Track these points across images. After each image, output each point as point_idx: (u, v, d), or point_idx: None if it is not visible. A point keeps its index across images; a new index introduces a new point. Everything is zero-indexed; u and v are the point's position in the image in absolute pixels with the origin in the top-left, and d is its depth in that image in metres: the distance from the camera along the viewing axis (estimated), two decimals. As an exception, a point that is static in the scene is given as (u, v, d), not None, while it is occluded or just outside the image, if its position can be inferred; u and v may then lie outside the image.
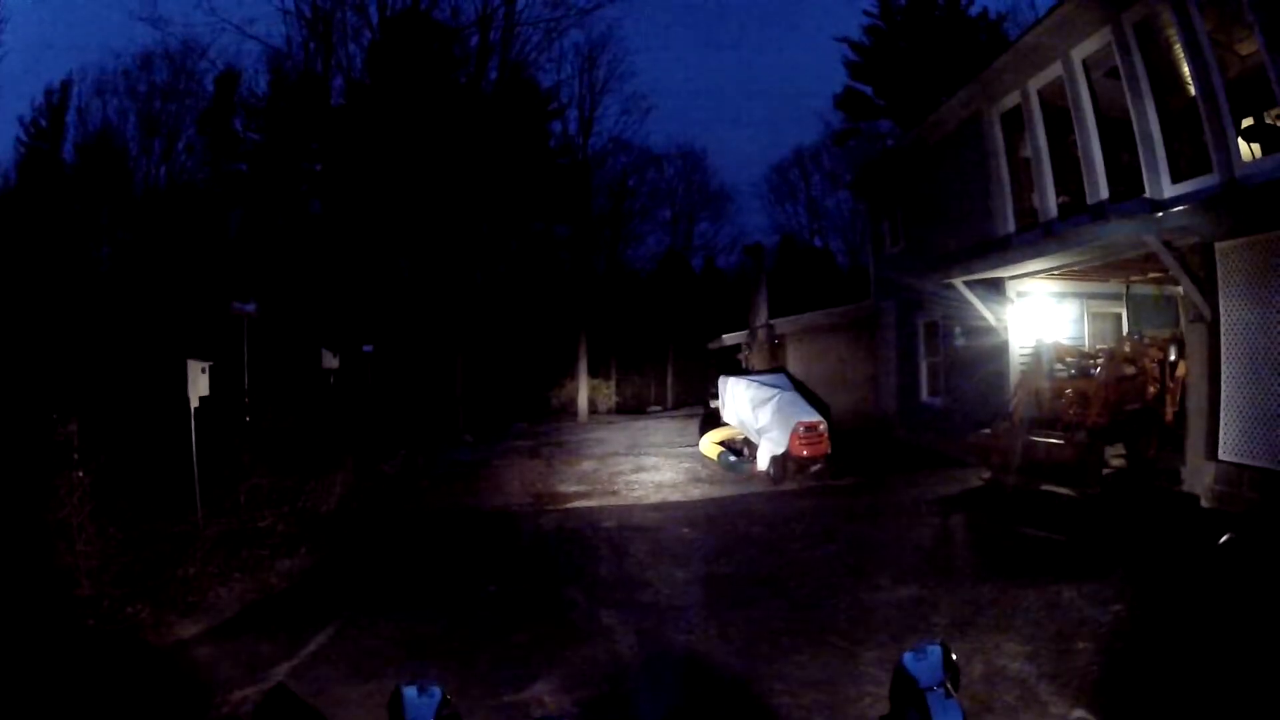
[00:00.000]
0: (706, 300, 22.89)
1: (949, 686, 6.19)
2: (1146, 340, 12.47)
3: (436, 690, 6.73)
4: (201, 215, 20.71)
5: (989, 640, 7.44)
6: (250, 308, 13.93)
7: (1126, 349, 12.40)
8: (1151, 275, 13.22)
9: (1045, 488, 11.85)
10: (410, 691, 5.49)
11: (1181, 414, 11.53)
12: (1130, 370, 12.07)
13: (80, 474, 8.82)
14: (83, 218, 16.98)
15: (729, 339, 26.44)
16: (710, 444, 18.51)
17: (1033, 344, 13.99)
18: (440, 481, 17.73)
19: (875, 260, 20.59)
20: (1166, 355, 11.95)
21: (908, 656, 6.92)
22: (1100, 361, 12.44)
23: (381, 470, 17.20)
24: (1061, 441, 11.72)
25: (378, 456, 17.43)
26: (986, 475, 12.98)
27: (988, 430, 13.34)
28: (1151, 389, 12.05)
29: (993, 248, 15.07)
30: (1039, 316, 14.70)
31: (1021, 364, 14.38)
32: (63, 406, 9.11)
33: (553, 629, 8.25)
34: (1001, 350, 15.01)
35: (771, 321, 23.44)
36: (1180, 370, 11.71)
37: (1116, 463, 12.00)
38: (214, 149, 25.31)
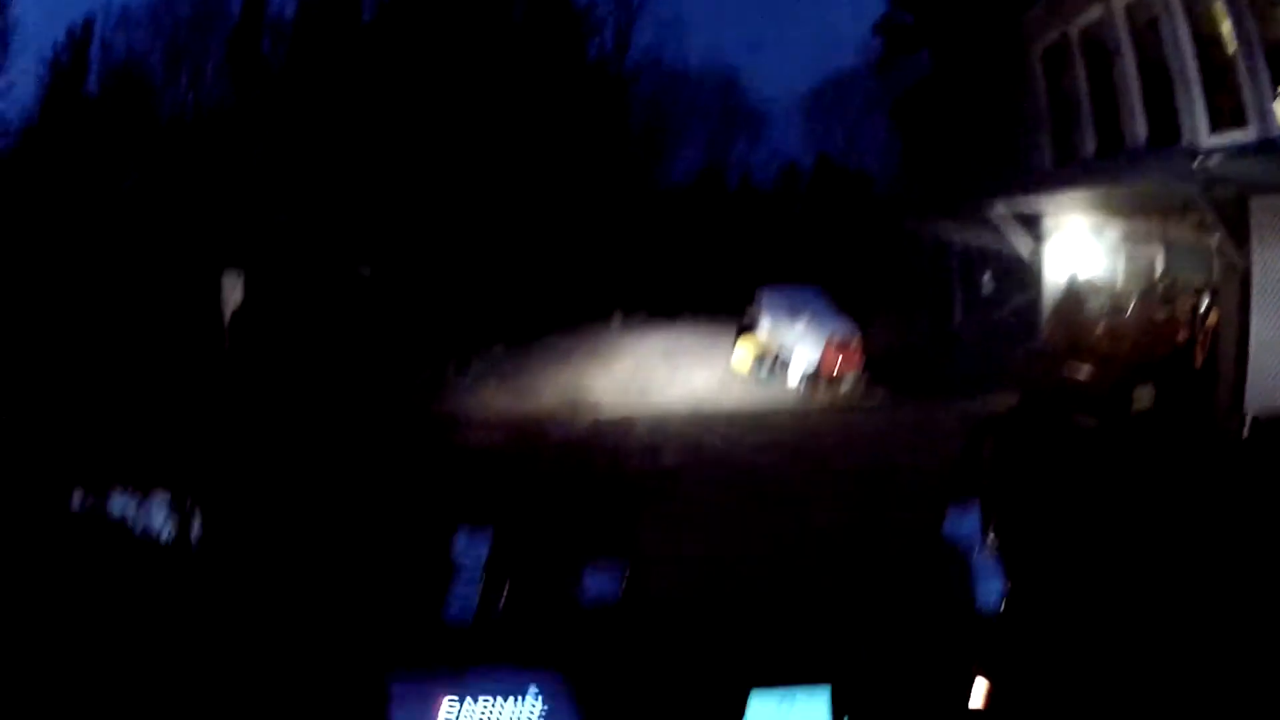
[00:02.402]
0: (742, 218, 23.64)
1: (986, 544, 7.15)
2: (1179, 286, 12.82)
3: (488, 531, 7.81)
4: (230, 141, 21.00)
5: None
6: (283, 218, 14.67)
7: (1159, 292, 12.90)
8: (1187, 224, 13.22)
9: (1075, 418, 12.40)
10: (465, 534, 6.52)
11: (1210, 362, 11.94)
12: (1162, 314, 12.63)
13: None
14: (107, 151, 17.29)
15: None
16: (743, 356, 19.11)
17: (1067, 279, 14.64)
18: (471, 390, 18.63)
19: (912, 187, 21.11)
20: (1198, 304, 12.32)
21: (951, 518, 7.95)
22: (1133, 302, 13.03)
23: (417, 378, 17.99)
24: (1092, 376, 12.45)
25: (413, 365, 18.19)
26: (1015, 402, 13.46)
27: (1020, 359, 14.13)
28: (1182, 335, 12.46)
29: (1030, 181, 15.70)
30: (1074, 251, 15.13)
31: (1055, 297, 14.91)
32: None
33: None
34: (1035, 282, 15.54)
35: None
36: (1211, 320, 12.10)
37: (1144, 404, 12.37)
38: (240, 73, 25.44)
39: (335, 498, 10.38)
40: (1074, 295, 13.83)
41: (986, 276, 17.20)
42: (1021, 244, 15.66)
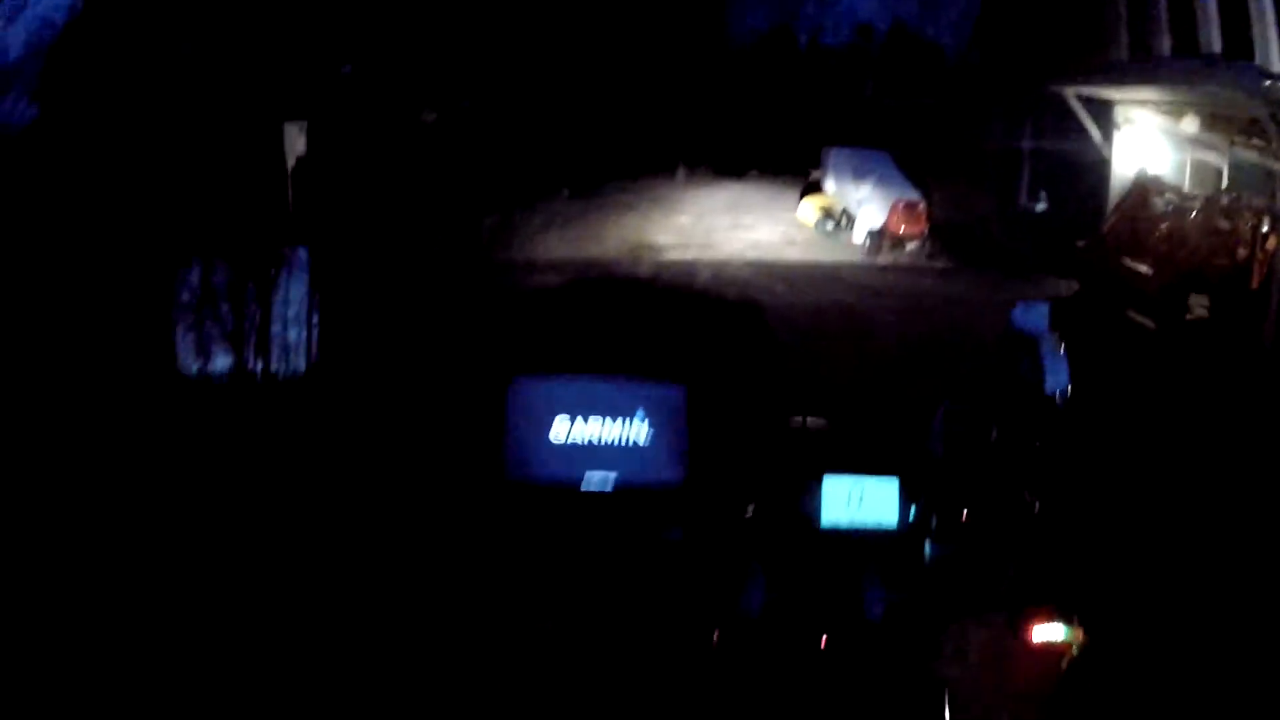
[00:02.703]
0: (811, 77, 23.87)
1: (1055, 335, 8.12)
2: (1242, 203, 13.28)
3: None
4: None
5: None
6: (347, 69, 15.15)
7: (1224, 203, 13.41)
8: (1254, 142, 13.72)
9: (1128, 313, 13.29)
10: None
11: (1267, 283, 12.40)
12: (1224, 225, 13.07)
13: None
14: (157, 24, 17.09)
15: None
16: (808, 210, 19.80)
17: (1134, 172, 15.24)
18: (536, 232, 19.61)
19: (986, 59, 21.32)
20: (1260, 224, 12.70)
21: (1017, 310, 9.13)
22: (1197, 207, 13.56)
23: (481, 223, 18.83)
24: (1150, 273, 13.18)
25: (477, 211, 19.01)
26: (1075, 287, 14.42)
27: (1082, 243, 14.92)
28: (1241, 252, 12.86)
29: (1105, 68, 16.31)
30: (1142, 148, 15.80)
31: (1121, 189, 15.56)
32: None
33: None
34: (1102, 170, 16.28)
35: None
36: (1271, 243, 12.52)
37: (1199, 313, 12.97)
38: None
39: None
40: (1140, 190, 14.41)
41: (1058, 153, 17.54)
42: (1092, 130, 16.35)
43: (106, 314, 10.91)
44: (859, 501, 7.30)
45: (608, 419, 8.69)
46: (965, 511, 7.11)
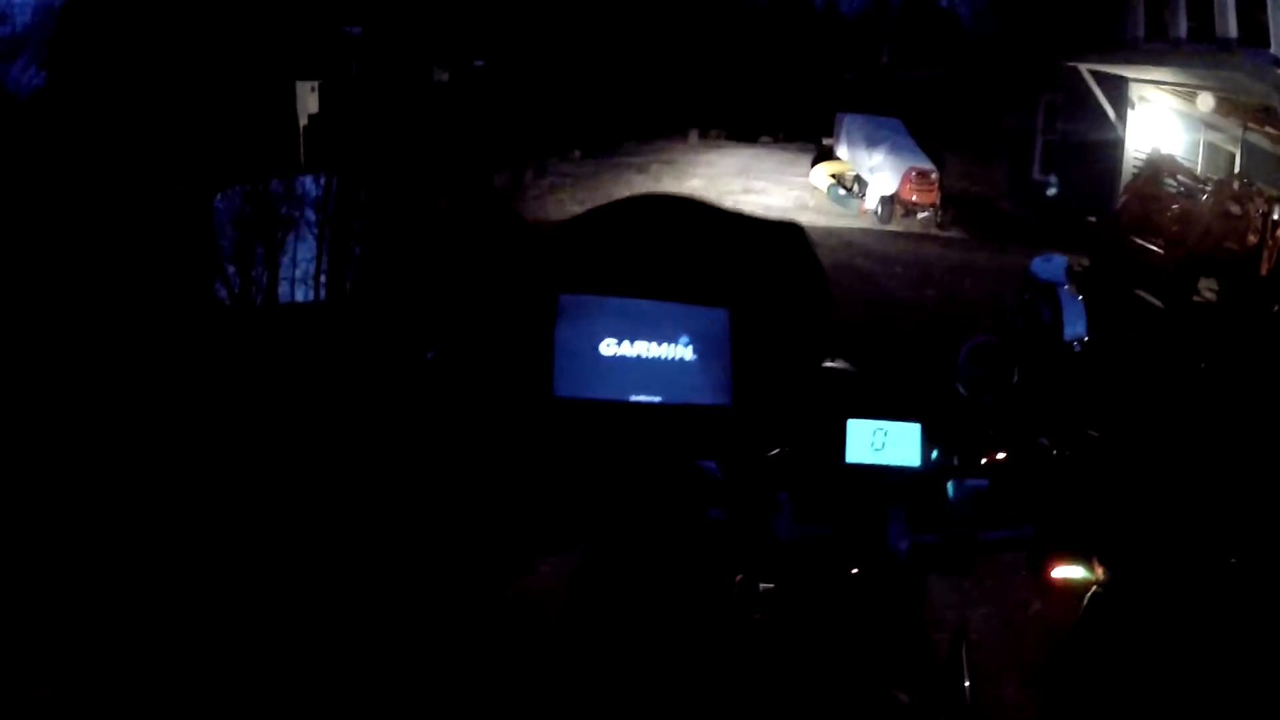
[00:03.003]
0: (825, 40, 24.08)
1: (1073, 285, 8.42)
2: (1254, 189, 13.39)
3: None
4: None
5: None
6: (356, 30, 15.30)
7: (1235, 188, 13.47)
8: (1267, 129, 14.04)
9: (1137, 292, 13.42)
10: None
11: (1276, 271, 12.58)
12: (1235, 210, 13.17)
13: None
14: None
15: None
16: (821, 176, 20.08)
17: (1147, 151, 15.38)
18: (547, 192, 19.87)
19: (1002, 31, 21.54)
20: (1270, 211, 12.88)
21: (1036, 261, 9.48)
22: (1209, 189, 13.65)
23: (491, 182, 19.04)
24: (1161, 251, 13.39)
25: (486, 169, 19.28)
26: (1085, 263, 14.40)
27: (1093, 220, 15.02)
28: (1251, 238, 13.01)
29: (1121, 45, 16.58)
30: (1156, 127, 16.02)
31: (1134, 167, 15.77)
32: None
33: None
34: (1116, 148, 16.41)
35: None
36: None
37: (1208, 295, 13.24)
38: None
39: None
40: (1152, 169, 14.68)
41: (1071, 129, 17.80)
42: (1106, 108, 16.68)
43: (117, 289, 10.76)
44: (882, 444, 7.46)
45: (654, 340, 8.55)
46: (987, 452, 7.32)
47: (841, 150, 20.34)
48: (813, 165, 20.64)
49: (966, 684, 4.76)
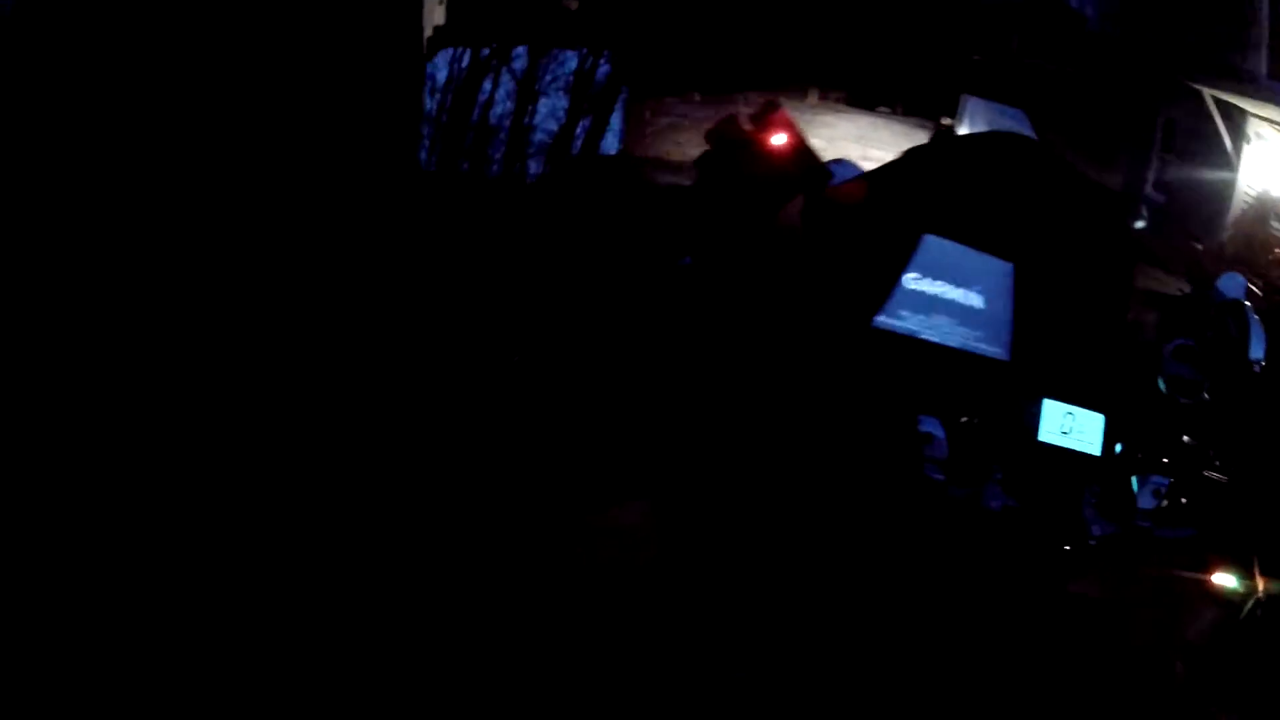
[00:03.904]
0: (953, 16, 24.37)
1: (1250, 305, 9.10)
2: None
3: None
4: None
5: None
6: None
7: None
8: None
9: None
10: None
11: None
12: None
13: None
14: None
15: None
16: None
17: (1259, 189, 16.31)
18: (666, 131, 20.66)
19: (1128, 38, 22.00)
20: None
21: (1222, 279, 10.21)
22: None
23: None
24: (1260, 293, 13.27)
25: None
26: (1186, 289, 14.31)
27: (1199, 245, 15.93)
28: None
29: (1241, 78, 17.35)
30: (1271, 166, 16.65)
31: (1244, 202, 16.59)
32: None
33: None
34: (1227, 184, 17.11)
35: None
36: None
37: None
38: None
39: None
40: (1262, 208, 15.79)
41: (1185, 149, 18.31)
42: (1224, 135, 17.38)
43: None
44: (1070, 428, 8.35)
45: (951, 282, 9.06)
46: (1172, 456, 8.30)
47: (962, 131, 20.90)
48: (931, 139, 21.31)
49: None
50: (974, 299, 9.14)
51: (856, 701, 7.04)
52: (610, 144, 21.16)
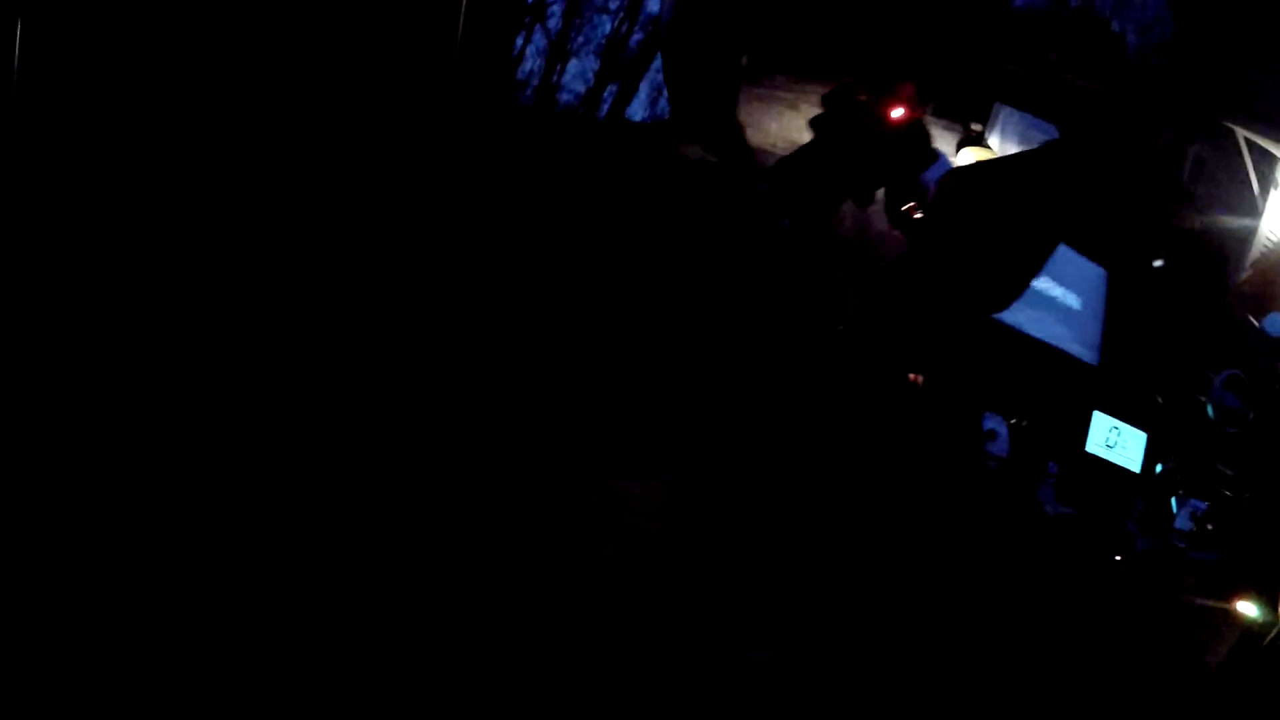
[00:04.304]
0: (990, 25, 24.55)
1: None
2: None
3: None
4: None
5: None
6: None
7: None
8: None
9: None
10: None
11: None
12: None
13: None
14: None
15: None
16: (969, 158, 20.32)
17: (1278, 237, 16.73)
18: None
19: (1168, 67, 22.32)
20: None
21: (1269, 318, 10.55)
22: None
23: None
24: None
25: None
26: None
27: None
28: None
29: (1275, 123, 17.68)
30: None
31: (1264, 248, 16.82)
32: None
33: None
34: (1250, 228, 17.32)
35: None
36: None
37: None
38: None
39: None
40: (1278, 256, 16.23)
41: (1210, 189, 18.41)
42: (1252, 177, 17.69)
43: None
44: (1115, 442, 8.75)
45: (1053, 279, 9.54)
46: (1211, 482, 8.57)
47: (993, 139, 21.11)
48: (958, 147, 21.51)
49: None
50: (1072, 299, 9.30)
51: (865, 696, 7.19)
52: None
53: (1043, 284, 9.45)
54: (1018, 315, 9.14)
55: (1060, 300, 9.48)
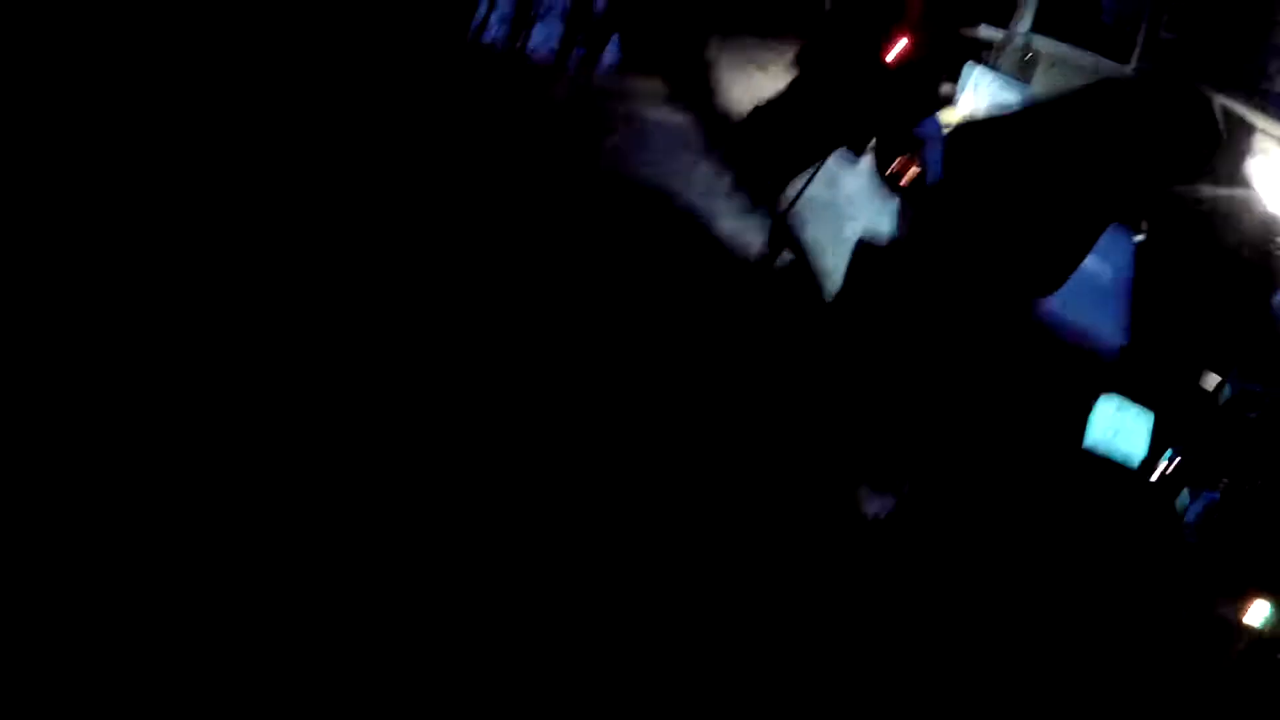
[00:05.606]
0: None
1: None
2: None
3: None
4: None
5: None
6: None
7: None
8: None
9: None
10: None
11: None
12: None
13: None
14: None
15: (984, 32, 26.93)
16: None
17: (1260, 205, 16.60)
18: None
19: (1147, 38, 21.79)
20: None
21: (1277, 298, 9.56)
22: None
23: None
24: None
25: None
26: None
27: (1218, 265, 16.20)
28: None
29: (1252, 93, 17.35)
30: (1272, 183, 17.04)
31: (1258, 227, 16.87)
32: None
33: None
34: (1247, 208, 17.38)
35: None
36: None
37: None
38: None
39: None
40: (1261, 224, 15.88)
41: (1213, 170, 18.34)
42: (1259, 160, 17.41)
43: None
44: (1116, 428, 7.78)
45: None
46: (1226, 474, 7.99)
47: (964, 100, 20.72)
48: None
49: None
50: (1106, 272, 8.24)
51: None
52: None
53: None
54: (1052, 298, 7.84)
55: (1093, 274, 8.26)
